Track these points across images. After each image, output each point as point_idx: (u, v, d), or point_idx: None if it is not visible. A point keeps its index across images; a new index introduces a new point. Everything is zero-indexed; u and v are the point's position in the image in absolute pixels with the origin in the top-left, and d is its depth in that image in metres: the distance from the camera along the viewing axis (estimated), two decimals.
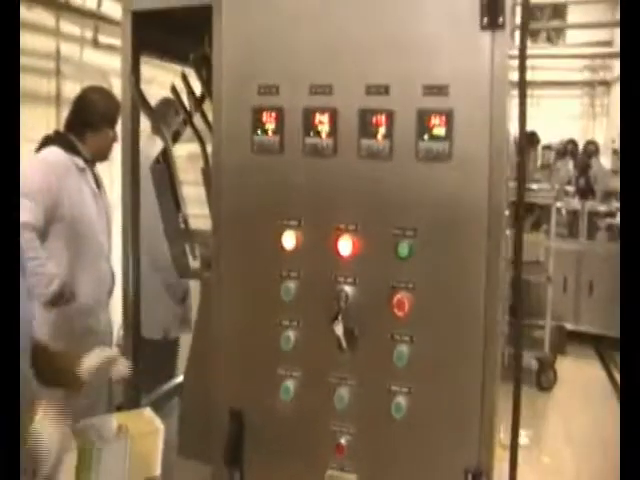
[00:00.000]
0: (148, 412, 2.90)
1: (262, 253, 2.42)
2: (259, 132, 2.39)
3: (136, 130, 2.96)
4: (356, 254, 2.27)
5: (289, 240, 2.36)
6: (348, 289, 2.28)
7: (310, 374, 2.37)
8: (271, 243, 2.38)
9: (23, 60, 5.02)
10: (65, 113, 5.24)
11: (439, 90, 2.16)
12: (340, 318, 2.23)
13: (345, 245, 2.27)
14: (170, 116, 4.36)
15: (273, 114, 2.36)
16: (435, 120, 2.15)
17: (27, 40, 4.99)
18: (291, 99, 2.35)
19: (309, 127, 2.31)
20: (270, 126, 2.38)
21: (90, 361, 2.69)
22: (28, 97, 5.02)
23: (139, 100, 2.88)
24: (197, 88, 2.89)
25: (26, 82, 5.00)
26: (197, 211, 3.00)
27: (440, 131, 2.15)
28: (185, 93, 2.93)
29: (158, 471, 2.75)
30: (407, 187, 2.21)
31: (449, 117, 2.15)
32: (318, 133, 2.30)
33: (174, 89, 2.88)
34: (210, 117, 2.61)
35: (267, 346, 2.41)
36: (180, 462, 2.83)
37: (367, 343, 2.28)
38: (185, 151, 2.93)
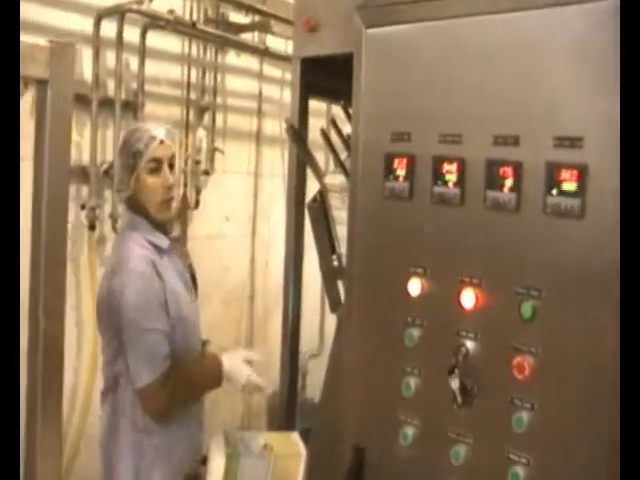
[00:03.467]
0: (295, 437, 2.72)
1: (390, 296, 2.13)
2: (391, 178, 2.10)
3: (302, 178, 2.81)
4: (479, 308, 1.92)
5: (415, 287, 2.05)
6: (469, 344, 1.93)
7: (428, 424, 2.04)
8: (398, 288, 2.09)
9: (231, 101, 5.09)
10: (265, 149, 5.26)
11: (571, 142, 1.77)
12: (457, 372, 1.90)
13: (468, 298, 1.93)
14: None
15: (404, 160, 2.08)
16: (566, 174, 1.77)
17: (236, 83, 4.95)
18: (421, 146, 2.05)
19: (437, 175, 2.00)
20: (401, 172, 2.08)
21: (231, 359, 2.54)
22: (234, 133, 4.98)
23: (300, 148, 2.69)
24: None
25: (233, 120, 4.96)
26: None
27: (571, 186, 1.76)
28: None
29: None
30: (533, 243, 1.83)
31: (582, 171, 1.74)
32: (446, 182, 1.99)
33: (324, 133, 2.65)
34: None
35: (390, 389, 2.11)
36: None
37: (484, 402, 1.91)
38: (338, 181, 2.68)
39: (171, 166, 2.58)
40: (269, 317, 5.32)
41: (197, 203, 4.70)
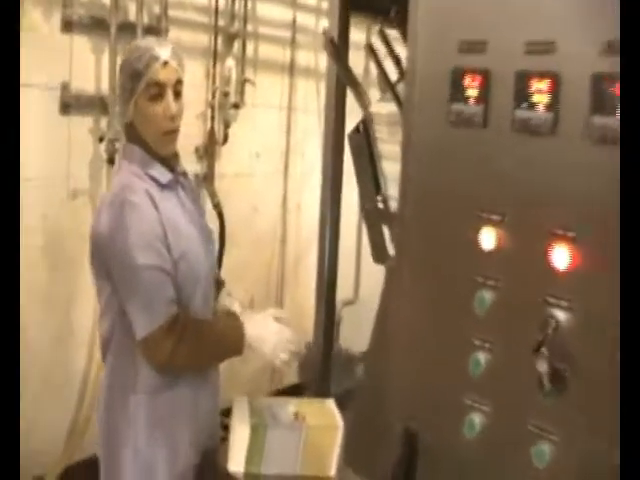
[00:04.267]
0: (330, 405, 2.28)
1: (454, 249, 1.65)
2: (459, 99, 1.60)
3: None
4: (575, 270, 1.43)
5: (489, 239, 1.57)
6: (560, 315, 1.45)
7: (503, 413, 1.57)
8: (466, 239, 1.61)
9: (262, 29, 4.59)
10: (299, 82, 4.75)
11: None
12: (544, 351, 1.42)
13: (561, 256, 1.44)
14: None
15: (477, 77, 1.56)
16: None
17: (268, 10, 4.43)
18: (501, 58, 1.53)
19: (522, 95, 1.49)
20: (473, 92, 1.57)
21: (256, 323, 2.15)
22: (266, 64, 4.46)
23: (341, 66, 2.19)
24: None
25: (264, 50, 4.44)
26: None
27: None
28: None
29: (332, 471, 2.16)
30: None
31: None
32: (533, 104, 1.47)
33: (370, 48, 2.13)
34: None
35: (453, 364, 1.65)
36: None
37: (580, 391, 1.43)
38: (386, 110, 2.18)
39: (177, 94, 2.09)
40: (301, 262, 4.89)
41: (225, 138, 4.21)
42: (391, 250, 2.32)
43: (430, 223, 1.69)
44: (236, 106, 4.25)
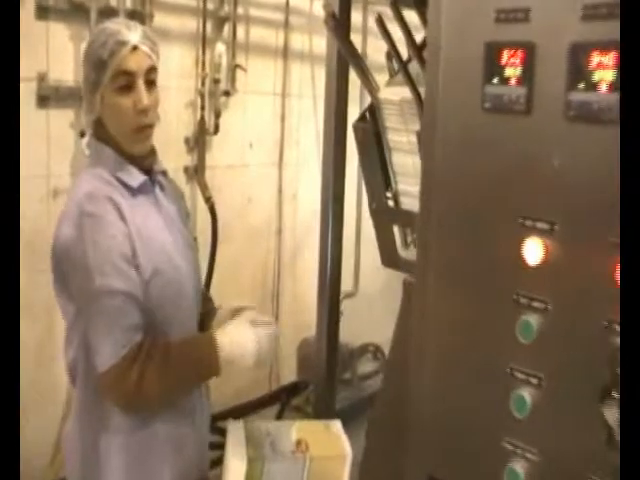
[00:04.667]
0: (337, 427, 1.99)
1: (490, 264, 1.33)
2: (495, 80, 1.29)
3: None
4: None
5: (534, 251, 1.25)
6: None
7: (552, 462, 1.26)
8: (505, 251, 1.30)
9: (254, 12, 4.27)
10: (293, 67, 4.43)
11: None
12: (614, 397, 1.13)
13: None
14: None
15: (519, 52, 1.25)
16: None
17: None
18: (549, 28, 1.23)
19: (577, 73, 1.19)
20: (513, 71, 1.26)
21: (231, 335, 1.80)
22: (258, 49, 4.14)
23: (344, 44, 1.88)
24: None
25: (256, 34, 4.11)
26: (412, 188, 1.97)
27: None
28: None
29: None
30: None
31: None
32: (593, 85, 1.17)
33: (380, 21, 1.81)
34: None
35: (489, 402, 1.34)
36: None
37: None
38: (399, 96, 1.87)
39: (149, 83, 1.78)
40: (299, 254, 4.60)
41: (216, 128, 3.89)
42: (402, 252, 2.03)
43: (461, 231, 1.38)
44: (227, 93, 3.95)
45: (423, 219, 1.42)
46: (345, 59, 2.10)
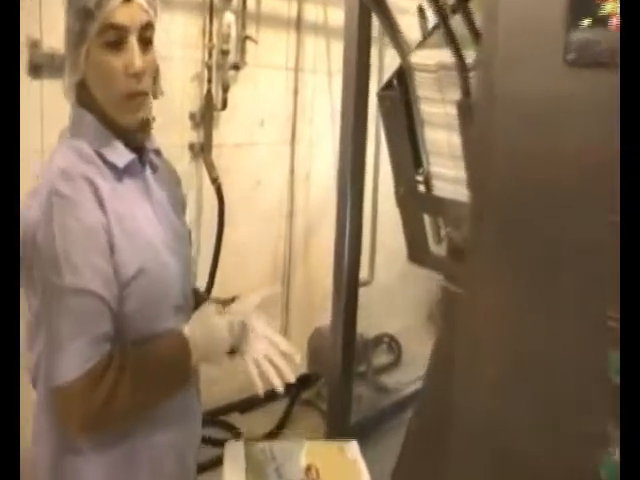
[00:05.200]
0: (353, 451, 1.69)
1: (572, 274, 1.00)
2: (584, 22, 0.94)
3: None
4: None
5: None
6: None
7: None
8: (592, 257, 0.96)
9: None
10: (307, 39, 4.07)
11: None
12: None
13: None
14: None
15: None
16: None
17: None
18: None
19: None
20: (608, 8, 0.92)
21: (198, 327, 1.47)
22: (269, 19, 3.78)
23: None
24: None
25: (267, 3, 3.75)
26: (447, 170, 1.62)
27: None
28: None
29: None
30: None
31: None
32: None
33: None
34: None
35: (570, 466, 1.02)
36: None
37: None
38: (434, 60, 1.52)
39: (145, 42, 1.43)
40: (311, 238, 4.28)
41: (224, 103, 3.55)
42: (434, 248, 1.68)
43: (525, 222, 1.03)
44: (236, 67, 3.60)
45: (475, 212, 1.08)
46: (366, 27, 1.76)
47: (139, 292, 1.39)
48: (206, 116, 3.48)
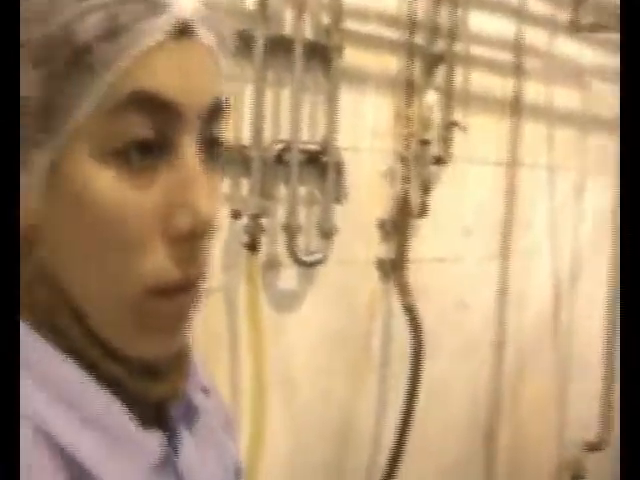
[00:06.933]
0: None
1: None
2: None
3: None
4: None
5: None
6: None
7: None
8: None
9: (476, 50, 2.92)
10: (525, 125, 3.07)
11: None
12: None
13: None
14: None
15: None
16: None
17: (484, 21, 2.83)
18: None
19: None
20: None
21: None
22: (481, 100, 2.85)
23: None
24: None
25: (478, 81, 2.82)
26: None
27: None
28: None
29: None
30: None
31: None
32: None
33: None
34: None
35: None
36: None
37: None
38: None
39: (209, 144, 0.52)
40: (522, 374, 3.17)
41: (423, 208, 2.59)
42: None
43: None
44: (439, 160, 2.64)
45: None
46: None
47: None
48: (400, 224, 2.53)
